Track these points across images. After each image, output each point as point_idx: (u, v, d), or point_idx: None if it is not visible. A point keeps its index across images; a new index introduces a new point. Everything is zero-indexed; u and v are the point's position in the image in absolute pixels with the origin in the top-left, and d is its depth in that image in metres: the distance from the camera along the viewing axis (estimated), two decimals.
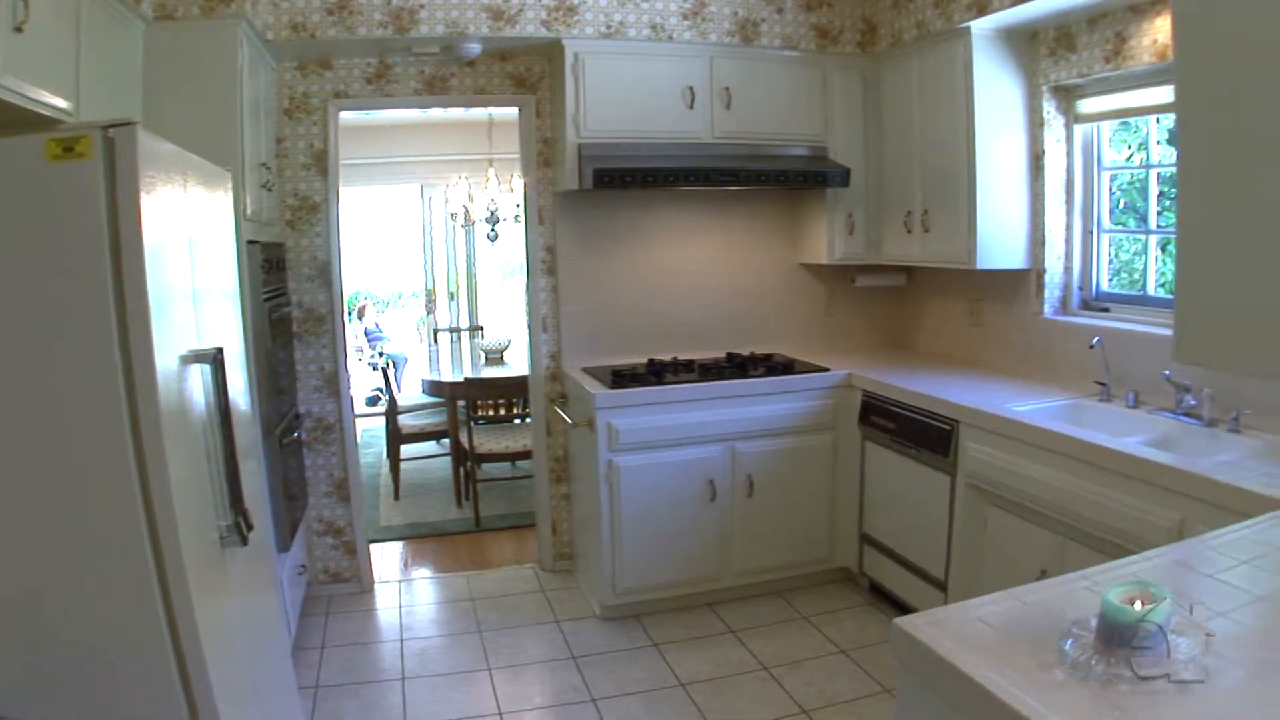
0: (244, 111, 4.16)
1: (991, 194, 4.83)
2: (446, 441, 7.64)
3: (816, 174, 5.31)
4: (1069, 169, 4.90)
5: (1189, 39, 2.50)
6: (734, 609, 5.14)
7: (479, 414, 7.85)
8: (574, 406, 5.31)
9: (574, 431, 5.35)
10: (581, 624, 5.03)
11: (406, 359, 10.87)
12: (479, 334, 10.37)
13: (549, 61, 5.35)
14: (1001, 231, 4.89)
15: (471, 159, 9.79)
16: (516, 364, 7.78)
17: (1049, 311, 4.96)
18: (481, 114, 8.83)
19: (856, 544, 5.29)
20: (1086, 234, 4.90)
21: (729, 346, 5.83)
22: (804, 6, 5.38)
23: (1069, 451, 3.60)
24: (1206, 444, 3.68)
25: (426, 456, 8.33)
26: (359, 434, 6.30)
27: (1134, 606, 1.64)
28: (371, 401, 11.00)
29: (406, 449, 7.78)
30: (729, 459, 5.03)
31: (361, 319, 12.46)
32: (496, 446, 6.91)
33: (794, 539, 5.26)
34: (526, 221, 5.60)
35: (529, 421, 6.02)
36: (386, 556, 6.15)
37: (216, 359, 2.69)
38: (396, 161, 10.28)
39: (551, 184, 5.48)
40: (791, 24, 5.37)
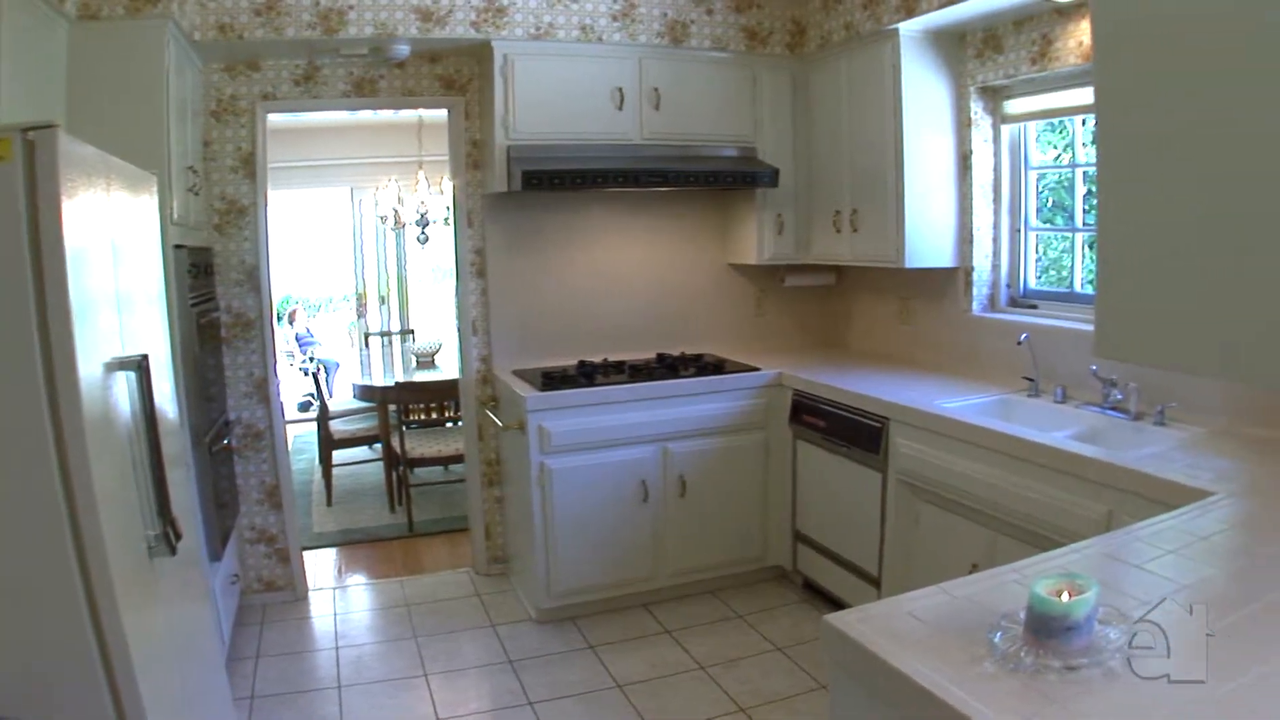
0: (170, 113, 4.08)
1: (920, 193, 4.90)
2: (379, 446, 7.59)
3: (745, 174, 5.34)
4: (996, 168, 4.98)
5: (1107, 43, 2.56)
6: (669, 609, 5.15)
7: (411, 418, 7.80)
8: (505, 409, 5.30)
9: (505, 434, 5.33)
10: (517, 627, 5.02)
11: (338, 364, 10.76)
12: (410, 338, 10.31)
13: (478, 63, 5.33)
14: (930, 230, 4.95)
15: (402, 161, 9.74)
16: (448, 367, 7.74)
17: (977, 309, 5.04)
18: (411, 116, 8.78)
19: (790, 542, 5.33)
20: (1014, 232, 4.98)
21: (660, 347, 5.85)
22: (733, 8, 5.41)
23: (998, 447, 3.65)
24: (1133, 437, 3.77)
25: (359, 462, 8.25)
26: (290, 440, 6.24)
27: (1061, 598, 1.67)
28: (303, 407, 10.88)
29: (339, 454, 7.70)
30: (661, 459, 5.04)
31: (292, 324, 12.31)
32: (428, 451, 6.87)
33: (727, 538, 5.29)
34: (456, 224, 5.58)
35: (461, 425, 5.98)
36: (320, 563, 6.08)
37: (142, 366, 2.64)
38: (326, 164, 10.17)
39: (481, 186, 5.46)
40: (721, 25, 5.40)
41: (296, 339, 12.19)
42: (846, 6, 5.14)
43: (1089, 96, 4.31)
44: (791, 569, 5.37)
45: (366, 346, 10.34)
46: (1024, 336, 4.41)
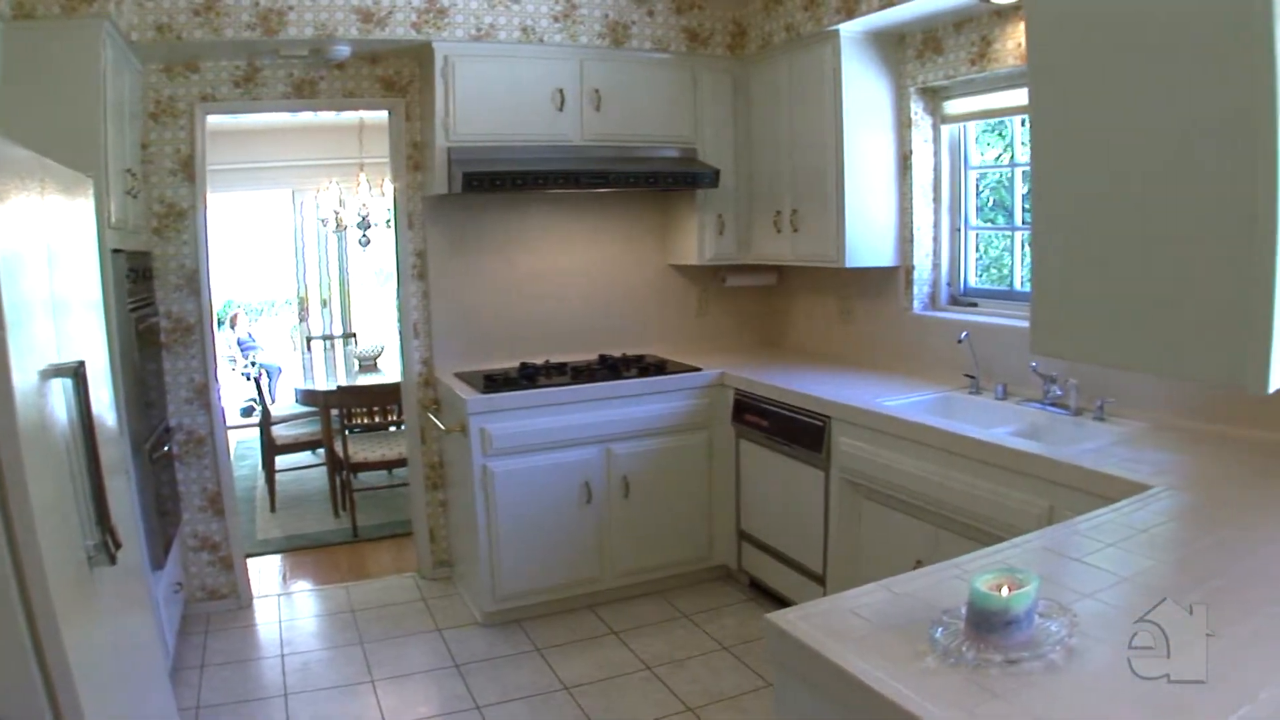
0: (107, 115, 4.02)
1: (860, 193, 4.94)
2: (322, 451, 7.53)
3: (686, 175, 5.36)
4: (936, 168, 5.04)
5: (1040, 44, 2.60)
6: (615, 610, 5.16)
7: (354, 422, 7.75)
8: (447, 412, 5.28)
9: (448, 438, 5.31)
10: (464, 631, 5.00)
11: (280, 369, 10.68)
12: (352, 341, 10.23)
13: (419, 64, 5.30)
14: (870, 230, 4.99)
15: (343, 163, 9.66)
16: (390, 371, 7.70)
17: (918, 308, 5.09)
18: (353, 117, 8.73)
19: (734, 541, 5.36)
20: (954, 231, 5.04)
21: (602, 348, 5.85)
22: (674, 9, 5.43)
23: (940, 444, 3.69)
24: (1073, 432, 3.83)
25: (302, 467, 8.16)
26: (233, 446, 6.18)
27: (1001, 593, 1.70)
28: (246, 413, 10.77)
29: (282, 460, 7.63)
30: (604, 460, 5.05)
31: (234, 328, 12.20)
32: (372, 455, 6.83)
33: (672, 538, 5.31)
34: (397, 226, 5.55)
35: (404, 429, 5.96)
36: (265, 570, 6.02)
37: (79, 373, 2.60)
38: (266, 166, 10.08)
39: (421, 188, 5.43)
40: (662, 26, 5.41)
41: (238, 344, 12.08)
42: (787, 8, 5.17)
43: (1027, 97, 4.40)
44: (737, 568, 5.40)
45: (309, 350, 10.25)
46: (964, 335, 4.46)
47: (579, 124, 5.22)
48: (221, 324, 11.51)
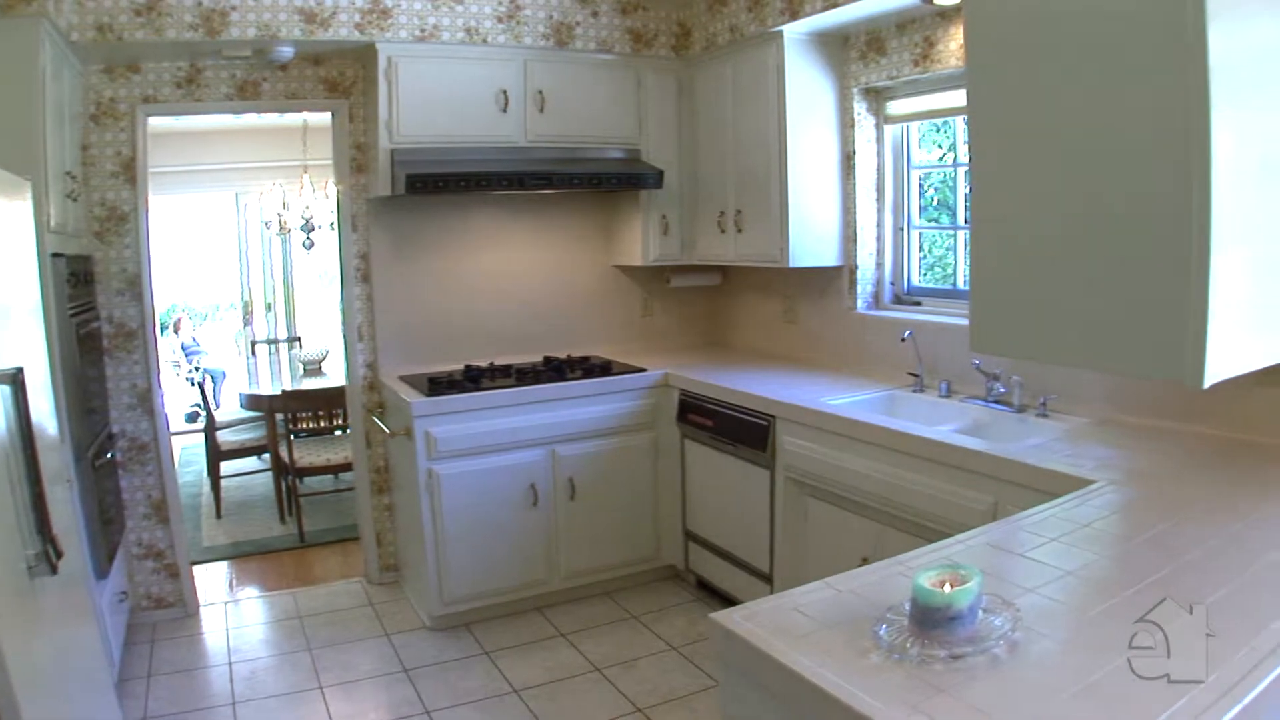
0: (47, 117, 3.96)
1: (804, 193, 4.98)
2: (268, 457, 7.47)
3: (630, 176, 5.38)
4: (880, 168, 5.09)
5: (978, 45, 2.65)
6: (564, 612, 5.17)
7: (299, 427, 7.70)
8: (391, 416, 5.26)
9: (393, 441, 5.30)
10: (412, 636, 4.98)
11: (225, 373, 10.57)
12: (297, 345, 10.15)
13: (362, 65, 5.27)
14: (814, 230, 5.04)
15: (286, 165, 9.58)
16: (335, 375, 7.64)
17: (862, 307, 5.14)
18: (296, 119, 8.65)
19: (681, 541, 5.38)
20: (897, 231, 5.10)
21: (546, 350, 5.85)
22: (619, 10, 5.45)
23: (884, 442, 3.73)
24: (1016, 429, 3.88)
25: (248, 473, 8.10)
26: (177, 452, 6.12)
27: (944, 589, 1.72)
28: (190, 418, 10.65)
29: (227, 465, 7.54)
30: (550, 462, 5.06)
31: (177, 333, 12.06)
32: (317, 460, 6.79)
33: (619, 539, 5.33)
34: (340, 229, 5.52)
35: (350, 433, 5.93)
36: (211, 578, 5.96)
37: (16, 379, 2.57)
38: (209, 169, 9.96)
39: (365, 190, 5.40)
40: (606, 27, 5.43)
41: (182, 348, 11.95)
42: (731, 9, 5.20)
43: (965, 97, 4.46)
44: (684, 568, 5.42)
45: (253, 355, 10.15)
46: (908, 333, 4.51)
47: (523, 125, 5.22)
48: (165, 329, 11.38)
